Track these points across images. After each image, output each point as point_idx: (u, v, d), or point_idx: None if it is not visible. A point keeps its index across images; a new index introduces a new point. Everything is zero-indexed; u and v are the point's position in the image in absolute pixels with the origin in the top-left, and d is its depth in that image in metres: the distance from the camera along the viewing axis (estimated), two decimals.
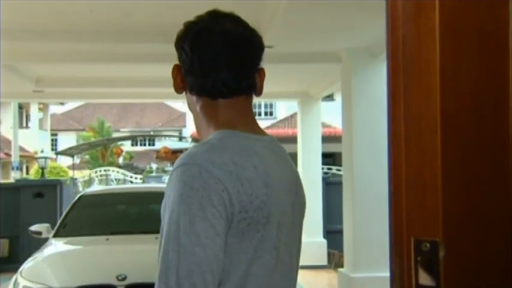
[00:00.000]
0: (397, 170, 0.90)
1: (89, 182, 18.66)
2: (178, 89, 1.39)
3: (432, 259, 0.85)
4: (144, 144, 37.25)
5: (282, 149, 1.40)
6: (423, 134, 0.87)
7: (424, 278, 0.85)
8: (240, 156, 1.21)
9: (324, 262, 9.49)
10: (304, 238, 7.34)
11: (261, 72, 1.41)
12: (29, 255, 5.23)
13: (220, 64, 1.31)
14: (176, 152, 23.06)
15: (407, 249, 0.87)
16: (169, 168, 23.32)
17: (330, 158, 22.50)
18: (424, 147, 0.87)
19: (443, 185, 0.85)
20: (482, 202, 0.85)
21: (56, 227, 5.87)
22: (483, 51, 0.87)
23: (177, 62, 1.42)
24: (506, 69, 0.85)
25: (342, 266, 7.03)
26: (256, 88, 1.38)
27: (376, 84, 6.11)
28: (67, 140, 34.39)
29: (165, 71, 1.46)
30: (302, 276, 8.74)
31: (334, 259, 9.24)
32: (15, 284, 4.54)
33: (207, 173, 1.15)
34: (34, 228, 5.94)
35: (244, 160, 1.20)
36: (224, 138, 1.25)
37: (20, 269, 4.76)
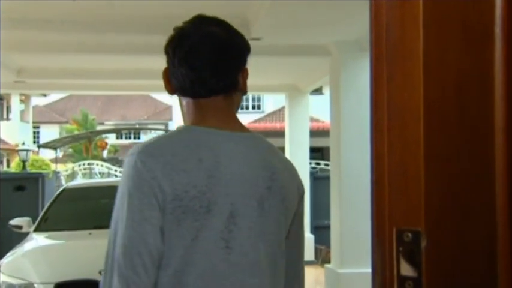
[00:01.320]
0: (379, 160, 0.90)
1: (72, 176, 18.49)
2: (169, 91, 1.46)
3: (414, 249, 0.84)
4: (129, 138, 37.00)
5: (263, 145, 1.43)
6: (406, 123, 0.87)
7: (406, 269, 0.85)
8: (184, 148, 1.30)
9: (311, 258, 9.50)
10: None
11: (245, 72, 1.49)
12: (9, 250, 5.15)
13: (198, 65, 1.38)
14: None
15: (389, 239, 0.87)
16: None
17: (318, 153, 22.55)
18: (407, 137, 0.87)
19: (426, 174, 0.85)
20: (464, 192, 0.85)
21: (37, 221, 5.79)
22: (467, 41, 0.86)
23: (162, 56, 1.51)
24: (490, 59, 0.84)
25: (329, 261, 7.03)
26: (237, 87, 1.45)
27: (365, 78, 6.00)
28: (50, 133, 34.09)
29: (151, 62, 1.45)
30: None
31: (321, 255, 9.22)
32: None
33: (141, 163, 1.26)
34: (14, 222, 5.85)
35: (188, 152, 1.29)
36: (179, 131, 1.38)
37: None
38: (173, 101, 29.98)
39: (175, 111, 28.88)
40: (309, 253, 9.45)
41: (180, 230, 1.25)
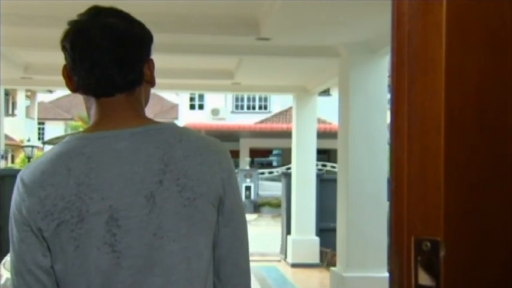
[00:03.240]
0: (399, 168, 0.90)
1: None
2: (71, 89, 1.40)
3: (432, 259, 0.84)
4: None
5: (164, 136, 1.34)
6: (427, 131, 0.87)
7: (424, 278, 0.84)
8: (54, 162, 1.29)
9: (316, 260, 9.44)
10: (297, 235, 7.19)
11: (151, 63, 1.43)
12: None
13: (102, 61, 1.32)
14: None
15: (408, 248, 0.87)
16: None
17: (325, 155, 22.57)
18: (428, 145, 0.86)
19: (445, 183, 0.84)
20: (484, 201, 0.84)
21: None
22: (489, 49, 0.86)
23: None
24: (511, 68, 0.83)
25: (334, 264, 6.99)
26: (143, 81, 1.40)
27: (375, 80, 6.04)
28: (55, 129, 34.20)
29: (157, 61, 1.39)
30: (294, 275, 8.68)
31: (327, 258, 9.18)
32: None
33: (19, 184, 1.31)
34: None
35: (58, 165, 1.28)
36: (59, 144, 1.35)
37: (3, 261, 4.67)
38: (179, 99, 30.09)
39: (182, 110, 28.91)
40: (314, 256, 9.43)
41: (61, 243, 1.26)
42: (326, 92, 16.60)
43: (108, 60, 1.32)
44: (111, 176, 1.28)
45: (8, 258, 4.71)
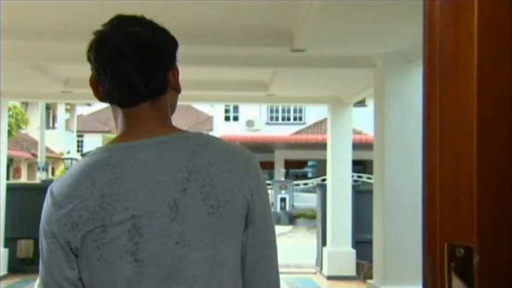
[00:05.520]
0: (431, 175, 0.90)
1: None
2: (98, 98, 1.42)
3: (466, 265, 0.84)
4: None
5: (189, 145, 1.33)
6: (459, 138, 0.87)
7: (458, 285, 0.84)
8: (80, 174, 1.31)
9: (353, 273, 9.33)
10: (332, 247, 7.15)
11: (175, 70, 1.42)
12: None
13: (124, 70, 1.32)
14: None
15: (441, 254, 0.87)
16: None
17: (361, 166, 22.38)
18: (460, 152, 0.87)
19: (478, 190, 0.84)
20: None
21: None
22: None
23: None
24: None
25: (371, 277, 6.91)
26: (168, 88, 1.39)
27: (410, 90, 5.99)
28: (93, 142, 34.83)
29: (192, 73, 1.38)
30: (329, 287, 8.60)
31: (363, 270, 9.07)
32: (40, 285, 4.51)
33: (48, 197, 1.34)
34: None
35: (83, 177, 1.30)
36: (84, 157, 1.37)
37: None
38: (214, 111, 30.29)
39: (217, 121, 29.11)
40: (350, 268, 9.32)
41: (87, 253, 1.28)
42: (361, 103, 16.50)
43: (130, 69, 1.32)
44: (134, 186, 1.28)
45: None
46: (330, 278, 9.27)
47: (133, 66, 1.32)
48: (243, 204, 1.32)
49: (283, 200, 20.10)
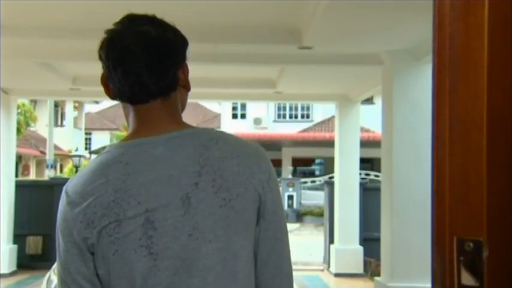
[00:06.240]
0: (440, 169, 0.90)
1: None
2: (109, 96, 1.44)
3: (476, 259, 0.84)
4: None
5: (199, 140, 1.35)
6: (468, 132, 0.87)
7: (467, 279, 0.84)
8: (94, 172, 1.33)
9: (360, 270, 9.32)
10: (340, 245, 7.14)
11: (185, 68, 1.44)
12: None
13: (135, 68, 1.34)
14: None
15: (450, 248, 0.87)
16: None
17: (368, 163, 22.33)
18: (469, 146, 0.86)
19: (487, 184, 0.84)
20: None
21: None
22: None
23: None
24: None
25: (378, 274, 6.90)
26: (178, 86, 1.41)
27: (419, 87, 5.96)
28: (101, 139, 34.96)
29: (200, 71, 1.39)
30: (337, 284, 8.59)
31: (371, 267, 9.06)
32: (49, 281, 4.57)
33: (64, 196, 1.36)
34: None
35: (97, 175, 1.32)
36: (99, 155, 1.39)
37: (53, 267, 4.79)
38: (222, 109, 30.30)
39: (224, 119, 29.12)
40: (358, 265, 9.32)
41: (102, 249, 1.30)
42: (369, 101, 16.46)
43: (141, 68, 1.34)
44: (147, 181, 1.30)
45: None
46: (337, 275, 9.26)
47: (144, 65, 1.34)
48: (254, 197, 1.33)
49: (290, 197, 20.10)
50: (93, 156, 26.78)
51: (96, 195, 1.30)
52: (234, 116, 29.04)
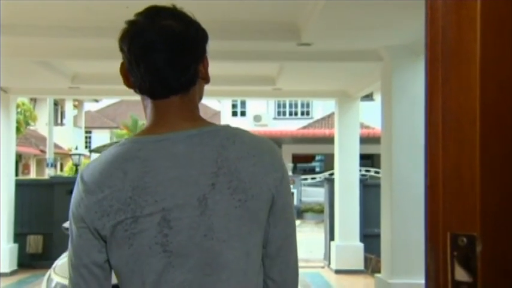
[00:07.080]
0: (433, 163, 0.90)
1: None
2: (128, 86, 1.44)
3: (469, 254, 0.83)
4: None
5: (218, 139, 1.36)
6: (461, 125, 0.86)
7: (461, 274, 0.84)
8: (111, 164, 1.33)
9: (361, 267, 9.32)
10: (340, 241, 7.16)
11: (205, 60, 1.45)
12: (63, 252, 5.28)
13: (157, 64, 1.34)
14: None
15: (443, 244, 0.86)
16: None
17: (368, 160, 22.32)
18: (462, 139, 0.86)
19: (481, 178, 0.84)
20: None
21: None
22: None
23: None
24: None
25: (379, 271, 6.90)
26: (197, 81, 1.41)
27: (418, 83, 5.96)
28: (101, 138, 34.98)
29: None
30: (338, 281, 8.60)
31: (371, 264, 9.07)
32: (49, 280, 4.56)
33: (79, 182, 1.37)
34: (67, 225, 5.95)
35: (114, 167, 1.32)
36: (114, 147, 1.38)
37: (53, 265, 4.80)
38: (221, 106, 30.28)
39: (224, 117, 29.11)
40: (358, 262, 9.32)
41: (117, 241, 1.31)
42: (369, 97, 16.45)
43: (163, 64, 1.34)
44: (165, 179, 1.31)
45: (58, 263, 4.84)
46: (338, 272, 9.26)
47: (166, 61, 1.34)
48: (268, 196, 1.36)
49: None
50: (93, 154, 26.79)
51: (113, 188, 1.31)
52: (234, 114, 29.05)
